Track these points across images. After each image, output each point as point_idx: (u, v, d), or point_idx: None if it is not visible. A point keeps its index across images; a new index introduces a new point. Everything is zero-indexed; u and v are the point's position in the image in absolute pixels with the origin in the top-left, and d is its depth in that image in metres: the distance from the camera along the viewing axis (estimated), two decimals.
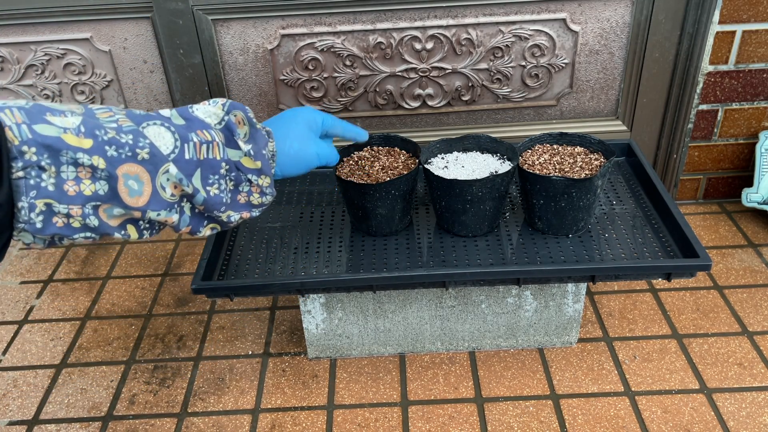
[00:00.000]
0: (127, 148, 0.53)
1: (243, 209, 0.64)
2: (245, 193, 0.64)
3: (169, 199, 0.57)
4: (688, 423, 0.91)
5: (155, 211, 0.56)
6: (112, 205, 0.53)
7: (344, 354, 1.04)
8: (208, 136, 0.59)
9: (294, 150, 0.70)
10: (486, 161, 0.92)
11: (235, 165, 0.62)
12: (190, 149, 0.57)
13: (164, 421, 0.96)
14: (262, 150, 0.63)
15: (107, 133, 0.52)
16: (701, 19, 1.12)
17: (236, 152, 0.62)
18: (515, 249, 0.90)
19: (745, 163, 1.29)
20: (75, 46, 1.18)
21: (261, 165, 0.63)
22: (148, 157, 0.54)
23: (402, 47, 1.16)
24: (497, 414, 0.94)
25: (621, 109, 1.25)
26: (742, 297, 1.12)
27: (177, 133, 0.57)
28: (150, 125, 0.56)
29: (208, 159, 0.59)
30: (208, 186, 0.60)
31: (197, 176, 0.58)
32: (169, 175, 0.56)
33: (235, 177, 0.62)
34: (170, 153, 0.56)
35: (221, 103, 0.63)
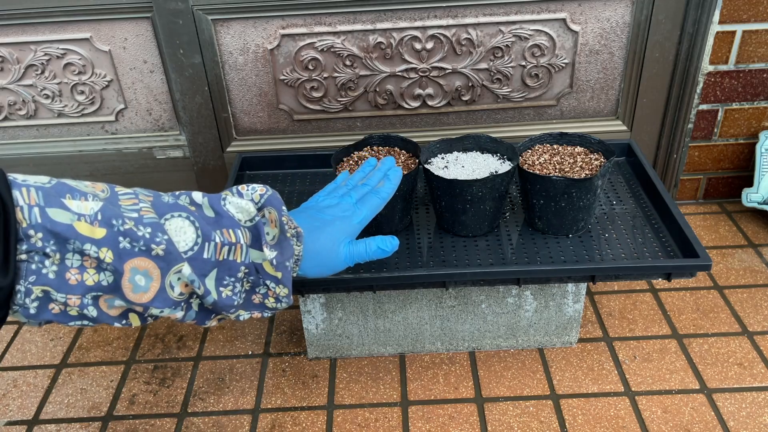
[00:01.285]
0: (142, 242, 0.50)
1: (255, 309, 0.61)
2: (261, 295, 0.61)
3: (176, 298, 0.54)
4: (688, 423, 0.91)
5: (158, 308, 0.53)
6: (114, 296, 0.51)
7: (344, 354, 1.04)
8: (233, 237, 0.56)
9: (321, 257, 0.65)
10: (486, 161, 0.92)
11: (256, 268, 0.58)
12: (210, 249, 0.54)
13: (164, 421, 0.96)
14: (286, 261, 0.59)
15: (125, 223, 0.50)
16: (701, 19, 1.12)
17: (260, 254, 0.58)
18: (515, 249, 0.90)
19: (746, 163, 1.29)
20: (75, 46, 1.18)
21: (281, 276, 0.59)
22: (162, 254, 0.51)
23: (402, 47, 1.16)
24: (497, 414, 0.94)
25: (621, 109, 1.25)
26: (742, 297, 1.12)
27: (201, 229, 0.54)
28: (174, 217, 0.54)
29: (228, 261, 0.56)
30: (222, 287, 0.57)
31: (212, 276, 0.55)
32: (181, 275, 0.53)
33: (254, 280, 0.59)
34: (188, 250, 0.53)
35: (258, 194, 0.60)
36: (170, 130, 1.28)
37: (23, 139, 1.29)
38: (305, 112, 1.24)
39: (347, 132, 1.26)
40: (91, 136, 1.29)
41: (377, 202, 0.74)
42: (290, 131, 1.27)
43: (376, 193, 0.75)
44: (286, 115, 1.25)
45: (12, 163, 1.30)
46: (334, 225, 0.68)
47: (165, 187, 1.35)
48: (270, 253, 0.58)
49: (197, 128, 1.25)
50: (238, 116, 1.25)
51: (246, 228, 0.58)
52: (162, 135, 1.28)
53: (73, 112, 1.25)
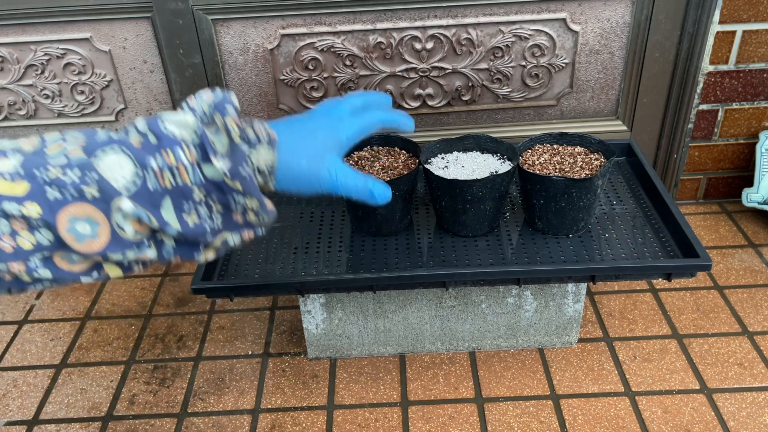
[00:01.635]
0: (71, 187, 0.46)
1: (243, 229, 0.55)
2: (240, 213, 0.54)
3: (132, 238, 0.49)
4: (688, 423, 0.91)
5: (117, 252, 0.48)
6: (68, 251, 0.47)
7: (344, 354, 1.04)
8: (173, 158, 0.50)
9: (301, 168, 0.57)
10: (486, 161, 0.92)
11: (217, 185, 0.52)
12: (152, 178, 0.49)
13: (164, 421, 0.96)
14: (239, 168, 0.51)
15: (49, 171, 0.46)
16: (701, 19, 1.12)
17: (213, 169, 0.51)
18: (515, 249, 0.90)
19: (746, 163, 1.29)
20: (75, 46, 1.18)
21: (241, 186, 0.52)
22: (98, 195, 0.47)
23: (402, 47, 1.16)
24: (497, 414, 0.94)
25: (621, 109, 1.25)
26: (742, 297, 1.12)
27: (137, 159, 0.48)
28: (107, 152, 0.48)
29: (177, 186, 0.50)
30: (185, 215, 0.51)
31: (168, 207, 0.50)
32: (123, 213, 0.48)
33: (220, 198, 0.52)
34: (129, 185, 0.48)
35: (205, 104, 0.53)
36: None
37: None
38: None
39: None
40: None
41: (375, 119, 0.63)
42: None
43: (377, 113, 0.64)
44: (286, 116, 1.25)
45: None
46: (318, 135, 0.59)
47: None
48: (222, 165, 0.51)
49: None
50: None
51: (192, 145, 0.51)
52: None
53: (73, 112, 1.25)
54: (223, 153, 0.52)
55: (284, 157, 0.56)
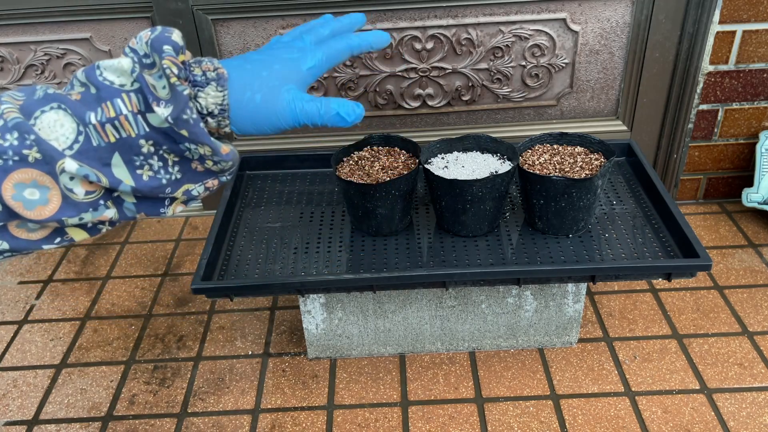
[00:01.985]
0: (11, 152, 0.43)
1: (205, 178, 0.51)
2: (197, 161, 0.50)
3: (84, 200, 0.46)
4: (688, 423, 0.91)
5: (73, 216, 0.46)
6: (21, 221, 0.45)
7: (344, 354, 1.04)
8: (112, 110, 0.46)
9: (255, 104, 0.51)
10: (486, 161, 0.92)
11: (165, 133, 0.47)
12: (94, 134, 0.45)
13: (164, 421, 0.96)
14: (182, 114, 0.47)
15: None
16: (701, 19, 1.12)
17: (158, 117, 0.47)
18: (515, 249, 0.90)
19: (746, 163, 1.29)
20: (75, 46, 1.18)
21: (188, 133, 0.47)
22: (39, 156, 0.44)
23: (402, 47, 1.16)
24: (497, 414, 0.94)
25: (621, 109, 1.25)
26: (742, 297, 1.12)
27: (76, 115, 0.45)
28: (46, 112, 0.45)
29: (122, 139, 0.46)
30: (138, 170, 0.47)
31: (118, 163, 0.47)
32: (69, 174, 0.45)
33: (172, 148, 0.48)
34: (72, 143, 0.45)
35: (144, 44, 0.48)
36: None
37: None
38: None
39: (347, 132, 1.26)
40: None
41: (341, 47, 0.57)
42: (290, 131, 1.27)
43: (344, 38, 0.57)
44: None
45: None
46: (274, 68, 0.53)
47: None
48: (164, 111, 0.47)
49: None
50: None
51: (132, 92, 0.47)
52: None
53: None
54: (165, 98, 0.47)
55: (236, 95, 0.51)
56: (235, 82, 0.51)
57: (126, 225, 1.36)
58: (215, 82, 0.49)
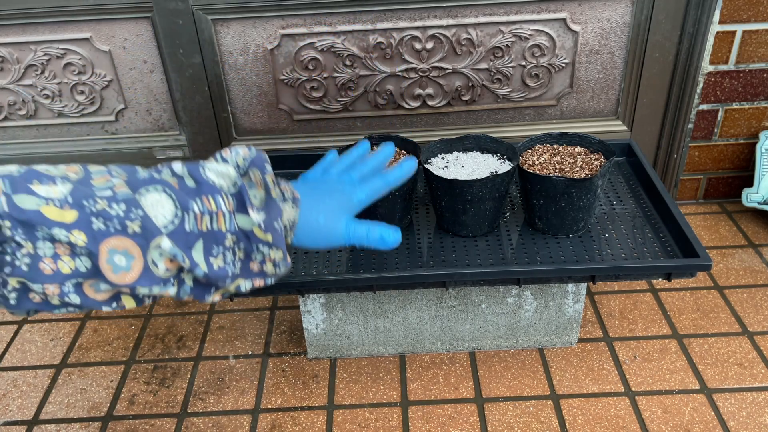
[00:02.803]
0: (116, 220, 0.48)
1: (256, 277, 0.59)
2: (258, 262, 0.58)
3: (162, 275, 0.52)
4: (688, 423, 0.91)
5: (146, 287, 0.51)
6: (97, 280, 0.49)
7: (344, 354, 1.04)
8: (213, 205, 0.53)
9: (318, 224, 0.62)
10: (486, 161, 0.92)
11: (245, 234, 0.56)
12: (191, 220, 0.52)
13: (164, 421, 0.96)
14: (274, 222, 0.56)
15: (97, 203, 0.48)
16: (701, 19, 1.12)
17: (247, 219, 0.55)
18: (515, 249, 0.90)
19: (746, 163, 1.29)
20: (75, 46, 1.18)
21: (272, 239, 0.56)
22: (139, 231, 0.49)
23: (402, 47, 1.16)
24: (497, 414, 0.94)
25: (621, 109, 1.25)
26: (742, 297, 1.12)
27: (178, 201, 0.52)
28: (150, 191, 0.51)
29: (212, 230, 0.53)
30: (212, 258, 0.54)
31: (198, 248, 0.53)
32: (161, 250, 0.50)
33: (245, 247, 0.56)
34: (168, 224, 0.51)
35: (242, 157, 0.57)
36: (170, 130, 1.28)
37: (23, 139, 1.29)
38: (305, 112, 1.24)
39: (347, 132, 1.26)
40: (91, 136, 1.29)
41: (380, 185, 0.69)
42: (290, 131, 1.27)
43: (382, 177, 0.69)
44: (286, 115, 1.25)
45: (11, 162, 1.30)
46: (334, 197, 0.65)
47: None
48: (257, 216, 0.55)
49: (197, 128, 1.25)
50: (238, 116, 1.25)
51: (229, 194, 0.55)
52: (162, 135, 1.29)
53: (73, 112, 1.25)
54: (258, 206, 0.56)
55: (305, 214, 0.62)
56: (305, 203, 0.62)
57: None
58: (292, 202, 0.60)
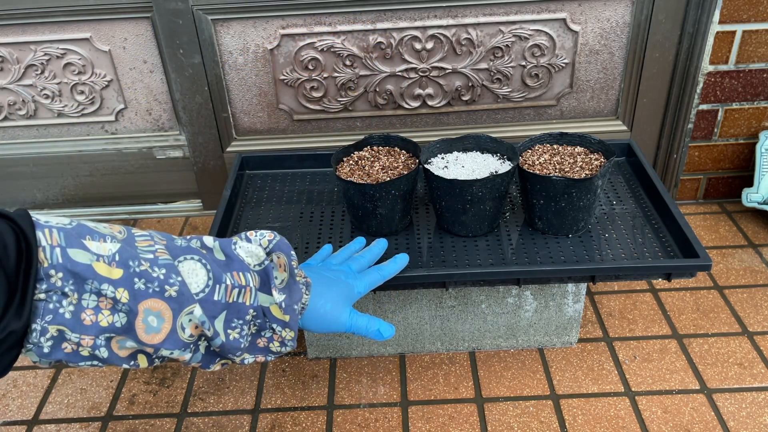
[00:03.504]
0: (156, 283, 0.51)
1: (260, 353, 0.62)
2: (266, 339, 0.61)
3: (186, 340, 0.55)
4: (688, 423, 0.91)
5: (169, 349, 0.54)
6: (126, 337, 0.52)
7: (344, 354, 1.04)
8: (243, 280, 0.58)
9: (325, 310, 0.66)
10: (486, 161, 0.92)
11: (263, 311, 0.60)
12: (221, 291, 0.56)
13: (164, 421, 0.96)
14: (294, 304, 0.61)
15: (141, 264, 0.51)
16: (701, 19, 1.12)
17: (268, 298, 0.59)
18: (515, 249, 0.90)
19: (746, 163, 1.29)
20: (75, 46, 1.18)
21: (289, 319, 0.60)
22: (176, 296, 0.53)
23: (402, 47, 1.16)
24: (497, 414, 0.94)
25: (621, 109, 1.25)
26: (742, 297, 1.12)
27: (212, 272, 0.55)
28: (187, 260, 0.55)
29: (237, 303, 0.57)
30: (230, 329, 0.58)
31: (221, 318, 0.56)
32: (192, 317, 0.54)
33: (260, 323, 0.60)
34: (200, 292, 0.54)
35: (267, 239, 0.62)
36: (170, 130, 1.28)
37: (23, 139, 1.29)
38: (305, 112, 1.24)
39: (347, 132, 1.26)
40: (91, 136, 1.29)
41: (377, 278, 0.76)
42: (290, 131, 1.27)
43: (378, 270, 0.77)
44: (286, 115, 1.25)
45: (12, 163, 1.30)
46: (339, 286, 0.69)
47: (165, 186, 1.35)
48: (279, 296, 0.59)
49: (197, 128, 1.25)
50: (238, 116, 1.25)
51: (255, 272, 0.59)
52: (162, 135, 1.29)
53: (73, 112, 1.25)
54: (280, 287, 0.60)
55: (314, 300, 0.65)
56: (315, 290, 0.66)
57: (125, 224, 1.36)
58: (305, 287, 0.64)
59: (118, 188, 1.35)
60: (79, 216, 1.37)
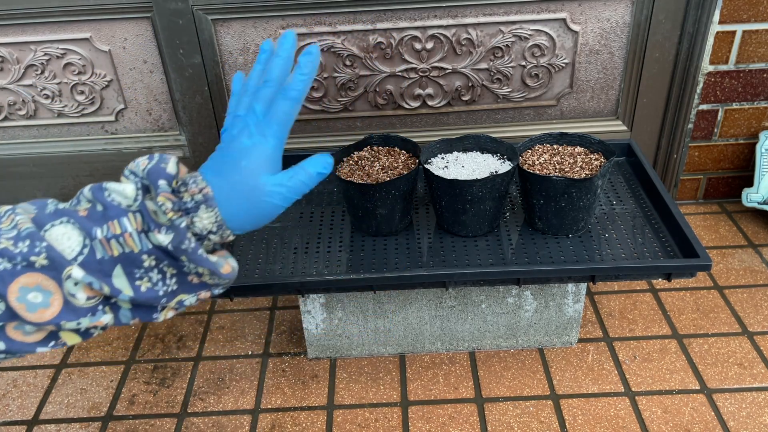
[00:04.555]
0: (20, 257, 0.47)
1: (199, 289, 0.55)
2: (195, 275, 0.53)
3: (85, 305, 0.49)
4: (688, 423, 0.91)
5: (72, 320, 0.49)
6: (20, 322, 0.48)
7: (344, 354, 1.04)
8: (118, 228, 0.50)
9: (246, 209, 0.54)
10: (486, 161, 0.92)
11: (165, 251, 0.51)
12: (98, 247, 0.49)
13: (164, 421, 0.96)
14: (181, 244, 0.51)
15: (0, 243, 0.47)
16: (701, 19, 1.12)
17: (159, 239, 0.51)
18: (515, 249, 0.90)
19: (745, 163, 1.29)
20: (75, 46, 1.18)
21: (187, 259, 0.51)
22: (46, 263, 0.47)
23: (402, 47, 1.16)
24: (497, 414, 0.94)
25: (621, 109, 1.25)
26: (742, 297, 1.12)
27: (84, 230, 0.49)
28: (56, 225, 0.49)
29: (125, 254, 0.50)
30: (137, 281, 0.51)
31: (119, 274, 0.50)
32: (75, 280, 0.48)
33: (172, 263, 0.52)
34: (78, 255, 0.49)
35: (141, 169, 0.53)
36: (170, 130, 1.28)
37: (23, 139, 1.29)
38: (305, 112, 1.24)
39: (347, 132, 1.26)
40: (91, 136, 1.29)
41: (287, 106, 0.57)
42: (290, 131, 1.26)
43: (284, 94, 0.57)
44: None
45: (12, 163, 1.30)
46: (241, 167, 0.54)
47: None
48: (164, 238, 0.50)
49: (197, 128, 1.25)
50: None
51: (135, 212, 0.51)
52: (162, 135, 1.29)
53: (73, 112, 1.25)
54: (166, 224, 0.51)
55: (225, 208, 0.53)
56: (220, 195, 0.53)
57: None
58: (204, 204, 0.52)
59: None
60: None
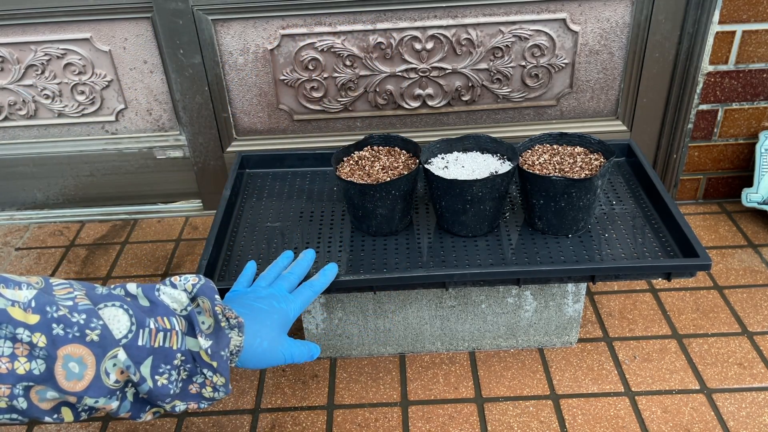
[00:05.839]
0: (76, 328, 0.50)
1: (192, 399, 0.60)
2: (198, 385, 0.60)
3: (111, 386, 0.53)
4: (688, 423, 0.91)
5: (93, 397, 0.52)
6: (46, 387, 0.50)
7: (344, 354, 1.04)
8: (168, 324, 0.56)
9: (262, 349, 0.66)
10: (486, 161, 0.93)
11: (192, 356, 0.58)
12: (145, 335, 0.54)
13: (164, 421, 0.96)
14: (221, 351, 0.59)
15: (59, 310, 0.50)
16: (701, 19, 1.12)
17: (195, 342, 0.58)
18: (515, 249, 0.90)
19: (745, 163, 1.29)
20: (75, 46, 1.18)
21: (217, 365, 0.59)
22: (97, 340, 0.51)
23: (402, 47, 1.16)
24: (497, 414, 0.94)
25: (621, 109, 1.25)
26: (742, 297, 1.12)
27: (135, 316, 0.54)
28: (108, 306, 0.54)
29: (163, 348, 0.56)
30: (158, 375, 0.56)
31: (147, 364, 0.55)
32: (116, 361, 0.52)
33: (191, 368, 0.59)
34: (123, 338, 0.53)
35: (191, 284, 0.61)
36: (170, 130, 1.28)
37: (23, 139, 1.29)
38: (305, 112, 1.24)
39: (347, 132, 1.27)
40: (91, 137, 1.29)
41: (310, 294, 0.77)
42: (290, 131, 1.27)
43: (310, 286, 0.77)
44: (286, 115, 1.25)
45: (12, 163, 1.30)
46: (273, 316, 0.69)
47: (165, 186, 1.35)
48: (205, 342, 0.58)
49: (197, 128, 1.25)
50: (238, 116, 1.25)
51: (181, 316, 0.58)
52: (162, 135, 1.29)
53: (73, 112, 1.25)
54: (207, 332, 0.59)
55: (249, 340, 0.64)
56: (249, 330, 0.65)
57: (126, 225, 1.36)
58: (238, 329, 0.62)
59: (119, 188, 1.35)
60: (80, 216, 1.37)
